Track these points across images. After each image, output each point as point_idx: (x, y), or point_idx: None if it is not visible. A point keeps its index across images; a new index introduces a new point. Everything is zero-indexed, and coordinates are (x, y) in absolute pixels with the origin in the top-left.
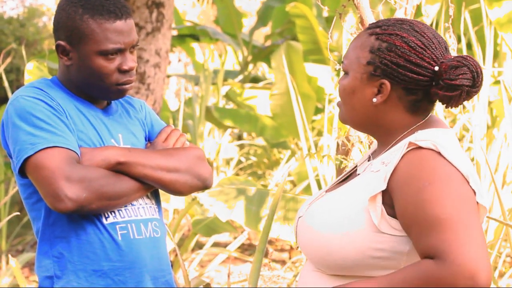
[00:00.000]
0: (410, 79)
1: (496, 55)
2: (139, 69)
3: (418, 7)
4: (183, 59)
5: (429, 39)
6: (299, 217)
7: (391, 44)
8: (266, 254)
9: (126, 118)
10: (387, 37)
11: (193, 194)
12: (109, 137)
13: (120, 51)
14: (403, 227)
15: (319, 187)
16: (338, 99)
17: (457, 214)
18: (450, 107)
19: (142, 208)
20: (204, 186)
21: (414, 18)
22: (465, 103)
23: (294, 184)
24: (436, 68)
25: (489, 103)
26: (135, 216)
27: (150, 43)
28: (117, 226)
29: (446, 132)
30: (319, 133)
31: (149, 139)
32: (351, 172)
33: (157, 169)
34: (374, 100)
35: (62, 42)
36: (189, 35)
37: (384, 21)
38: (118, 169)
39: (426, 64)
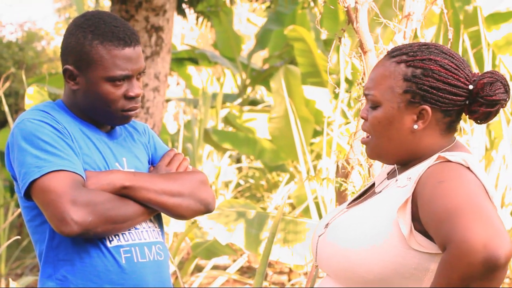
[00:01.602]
0: (450, 101)
1: None
2: None
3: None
4: (181, 82)
5: (458, 59)
6: (319, 235)
7: (426, 69)
8: (265, 277)
9: (130, 142)
10: (420, 63)
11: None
12: (113, 161)
13: (127, 78)
14: (428, 231)
15: (318, 210)
16: (362, 135)
17: (465, 201)
18: (483, 123)
19: (146, 231)
20: (207, 210)
21: (412, 41)
22: (463, 125)
23: (293, 207)
24: (471, 87)
25: (488, 125)
26: (138, 239)
27: (149, 67)
28: (121, 250)
29: (473, 156)
30: (318, 156)
31: (152, 162)
32: (367, 190)
33: (161, 193)
34: (415, 127)
35: (69, 67)
36: (187, 59)
37: (407, 47)
38: (123, 193)
39: (462, 84)
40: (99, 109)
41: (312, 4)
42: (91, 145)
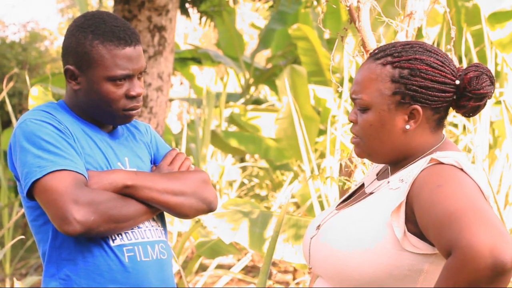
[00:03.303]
0: (439, 98)
1: (497, 75)
2: None
3: (419, 29)
4: (185, 82)
5: (443, 56)
6: (311, 237)
7: (413, 69)
8: (270, 276)
9: (132, 142)
10: (407, 63)
11: (197, 217)
12: (115, 160)
13: (128, 77)
14: (426, 236)
15: (322, 208)
16: (350, 134)
17: (467, 205)
18: (471, 117)
19: (148, 230)
20: (209, 209)
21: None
22: (467, 124)
23: (297, 206)
24: (457, 82)
25: (491, 123)
26: (141, 238)
27: (152, 67)
28: (124, 249)
29: (463, 154)
30: (322, 155)
31: (155, 162)
32: (356, 191)
33: (163, 192)
34: (408, 127)
35: (71, 67)
36: (190, 58)
37: (390, 48)
38: (125, 192)
39: (449, 81)
40: (101, 108)
41: (315, 3)
42: (93, 145)
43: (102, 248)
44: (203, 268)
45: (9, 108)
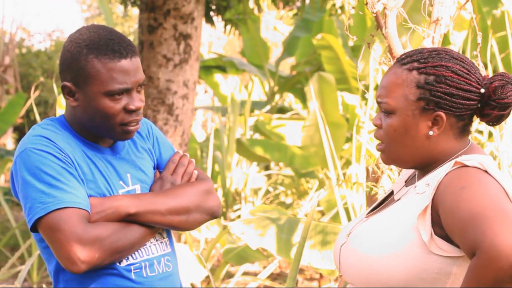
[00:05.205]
0: (463, 105)
1: None
2: (167, 100)
3: (446, 36)
4: (209, 90)
5: (469, 63)
6: (341, 245)
7: (439, 75)
8: (296, 283)
9: (134, 153)
10: (433, 70)
11: (224, 223)
12: (117, 179)
13: (126, 91)
14: (452, 238)
15: (348, 216)
16: (375, 141)
17: (490, 206)
18: (495, 125)
19: (153, 245)
20: (213, 218)
21: (442, 46)
22: (492, 131)
23: (322, 213)
24: (482, 90)
25: None
26: (147, 255)
27: (178, 75)
28: (132, 267)
29: (489, 158)
30: (347, 163)
31: (158, 167)
32: (386, 198)
33: (167, 214)
34: (431, 133)
35: (67, 83)
36: (215, 67)
37: (417, 54)
38: (129, 219)
39: (474, 89)
40: (99, 124)
41: (339, 11)
42: (94, 168)
43: (110, 269)
44: (229, 275)
45: (37, 116)
